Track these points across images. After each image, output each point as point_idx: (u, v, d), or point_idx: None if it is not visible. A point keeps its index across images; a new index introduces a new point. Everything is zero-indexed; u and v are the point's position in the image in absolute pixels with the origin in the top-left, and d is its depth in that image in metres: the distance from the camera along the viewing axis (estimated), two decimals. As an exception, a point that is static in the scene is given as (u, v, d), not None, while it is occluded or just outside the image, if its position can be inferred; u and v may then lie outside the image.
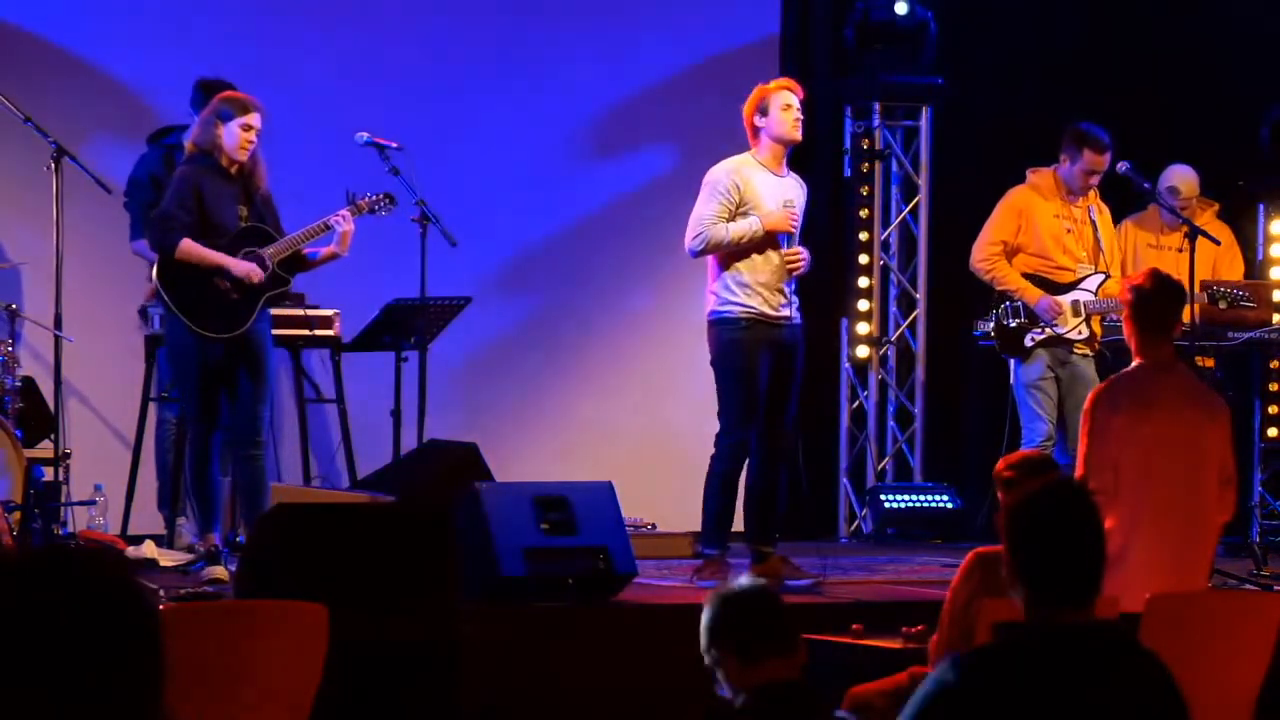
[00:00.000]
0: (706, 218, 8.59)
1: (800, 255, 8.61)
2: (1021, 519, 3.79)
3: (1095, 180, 9.71)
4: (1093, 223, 9.78)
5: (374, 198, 8.79)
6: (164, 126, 9.70)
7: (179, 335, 8.51)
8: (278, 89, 8.84)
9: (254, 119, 8.46)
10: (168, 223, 8.45)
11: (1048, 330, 9.63)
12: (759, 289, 8.57)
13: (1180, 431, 7.11)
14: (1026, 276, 9.73)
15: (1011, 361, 9.81)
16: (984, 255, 9.79)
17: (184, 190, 8.45)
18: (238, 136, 8.44)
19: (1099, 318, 9.72)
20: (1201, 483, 7.12)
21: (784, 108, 8.63)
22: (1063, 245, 9.71)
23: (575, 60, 11.07)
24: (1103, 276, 9.69)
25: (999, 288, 9.75)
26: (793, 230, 8.61)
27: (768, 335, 8.57)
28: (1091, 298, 9.65)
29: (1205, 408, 7.23)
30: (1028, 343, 9.67)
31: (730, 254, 8.57)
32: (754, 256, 8.58)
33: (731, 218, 8.56)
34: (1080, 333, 9.65)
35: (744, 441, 8.60)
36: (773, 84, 8.74)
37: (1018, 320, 9.69)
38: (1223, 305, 9.72)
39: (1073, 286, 9.70)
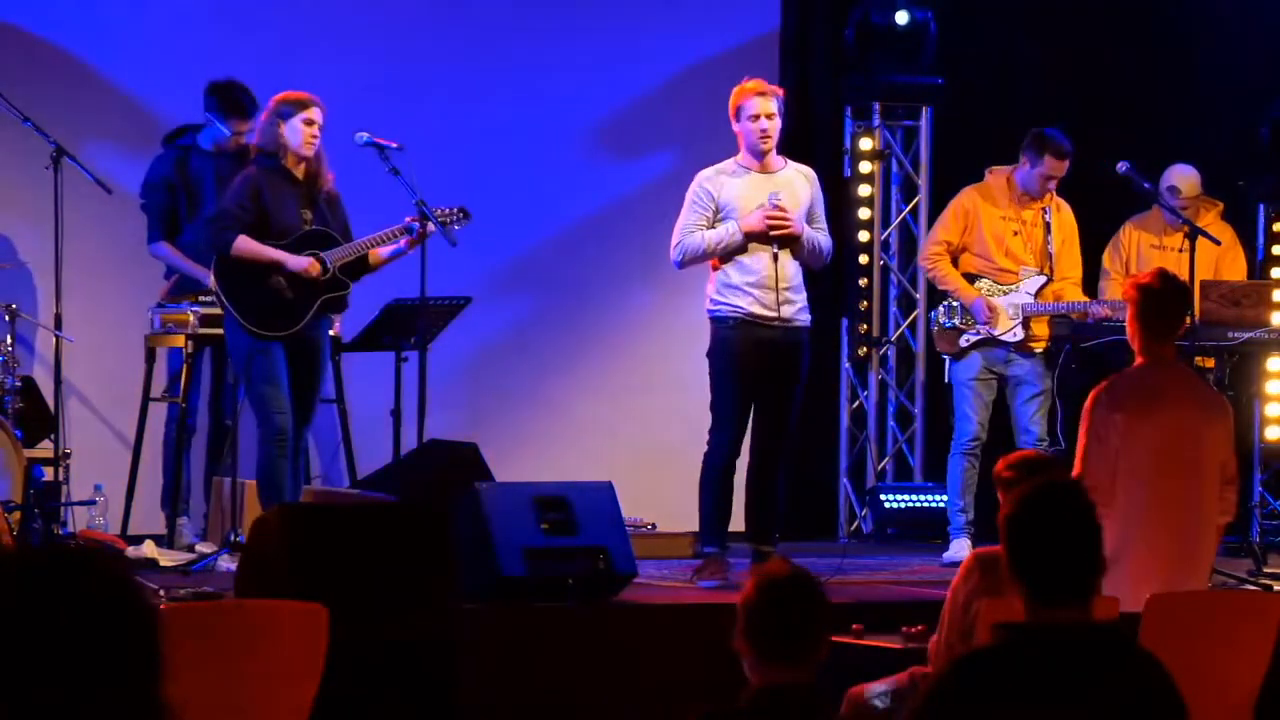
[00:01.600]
0: (685, 228, 8.61)
1: (786, 218, 8.53)
2: (1018, 518, 3.81)
3: (1052, 185, 9.76)
4: (1046, 224, 9.80)
5: (447, 211, 8.75)
6: (179, 127, 9.70)
7: (238, 336, 8.48)
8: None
9: (315, 113, 8.48)
10: (224, 221, 8.43)
11: (982, 331, 9.69)
12: (748, 289, 8.56)
13: (1181, 431, 7.11)
14: (970, 277, 9.78)
15: (947, 360, 9.88)
16: (926, 254, 9.93)
17: (245, 191, 8.44)
18: (301, 133, 8.46)
19: (1045, 319, 9.75)
20: (1202, 483, 7.11)
21: (751, 118, 8.57)
22: (1005, 248, 9.77)
23: (575, 60, 11.06)
24: (1044, 279, 9.72)
25: (940, 287, 9.89)
26: (774, 229, 8.52)
27: (758, 335, 8.55)
28: (1029, 300, 9.70)
29: (1206, 407, 7.23)
30: (963, 343, 9.75)
31: (720, 257, 8.57)
32: (741, 259, 8.57)
33: (711, 225, 8.57)
34: (1015, 335, 9.70)
35: (735, 438, 8.60)
36: (748, 86, 8.63)
37: (953, 320, 9.77)
38: None
39: (1014, 289, 9.74)
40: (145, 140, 9.79)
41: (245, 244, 8.38)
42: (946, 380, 9.96)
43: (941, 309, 9.84)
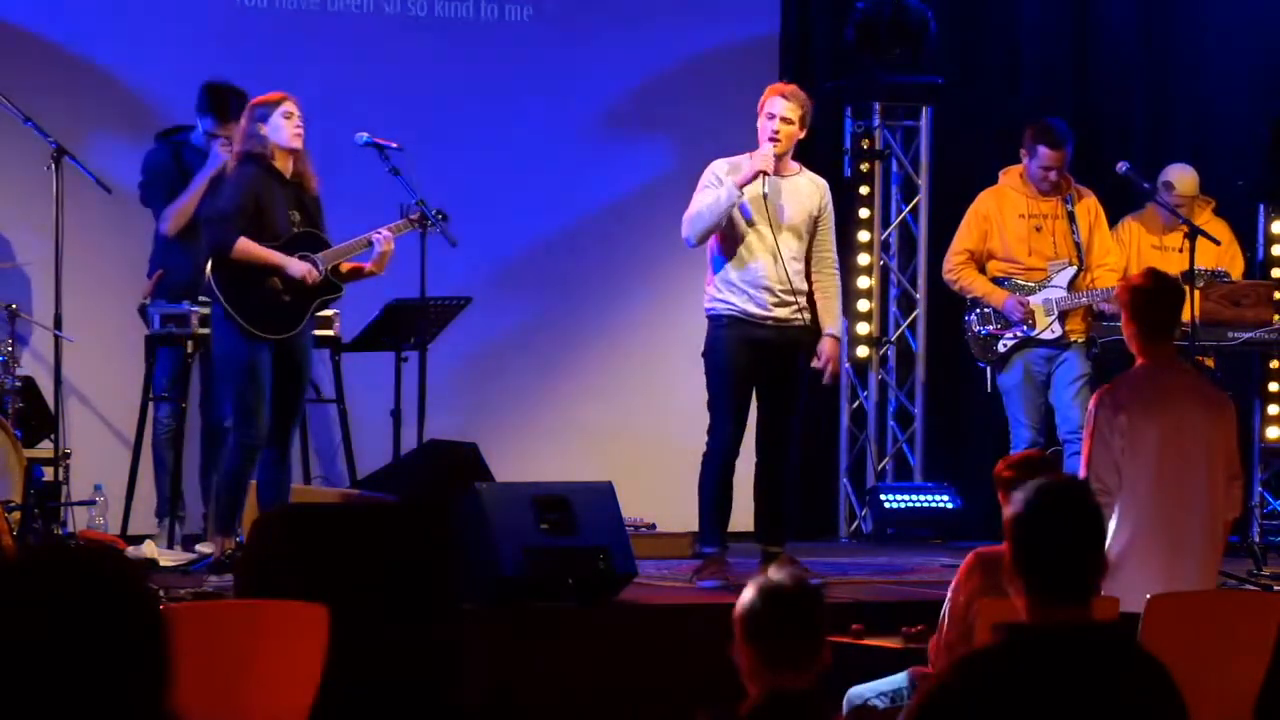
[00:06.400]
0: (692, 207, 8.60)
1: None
2: (1025, 516, 3.80)
3: (1054, 176, 9.67)
4: (1069, 214, 9.73)
5: (421, 213, 8.73)
6: (172, 126, 9.71)
7: (229, 337, 8.45)
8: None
9: (290, 106, 8.44)
10: (225, 222, 8.39)
11: (1018, 334, 9.62)
12: (744, 287, 8.54)
13: (1184, 429, 7.10)
14: (1000, 281, 9.71)
15: (988, 368, 9.81)
16: (949, 265, 9.85)
17: (242, 191, 8.39)
18: (284, 127, 8.41)
19: (1080, 311, 9.66)
20: (1208, 480, 7.11)
21: (767, 115, 8.57)
22: (1029, 246, 9.69)
23: (575, 60, 11.06)
24: (1073, 270, 9.62)
25: (967, 295, 9.79)
26: (767, 171, 8.48)
27: (750, 334, 8.55)
28: (1062, 294, 9.61)
29: (1209, 405, 7.23)
30: (1001, 349, 9.66)
31: (724, 253, 8.56)
32: (743, 255, 8.57)
33: None
34: (1052, 332, 9.62)
35: (731, 436, 8.58)
36: (778, 86, 8.68)
37: (988, 327, 9.69)
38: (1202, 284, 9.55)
39: (1045, 284, 9.68)
40: (145, 140, 9.79)
41: (246, 246, 8.36)
42: (989, 389, 9.85)
43: (974, 316, 9.74)
